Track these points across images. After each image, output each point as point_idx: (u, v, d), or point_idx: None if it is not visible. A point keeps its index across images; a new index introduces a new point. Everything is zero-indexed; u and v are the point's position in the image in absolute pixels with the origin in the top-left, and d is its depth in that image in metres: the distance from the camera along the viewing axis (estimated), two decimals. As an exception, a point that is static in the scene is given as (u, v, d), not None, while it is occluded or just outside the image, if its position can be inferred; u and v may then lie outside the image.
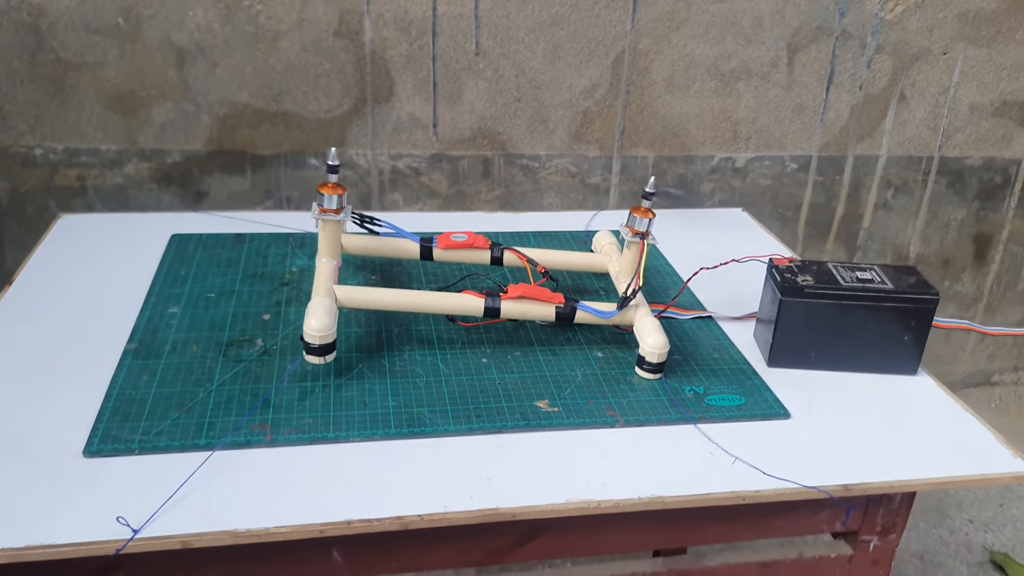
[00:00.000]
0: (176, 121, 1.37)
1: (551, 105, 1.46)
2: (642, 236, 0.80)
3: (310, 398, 0.71)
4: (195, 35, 1.33)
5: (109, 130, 1.36)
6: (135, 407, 0.69)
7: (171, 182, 1.40)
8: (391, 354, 0.78)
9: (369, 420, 0.69)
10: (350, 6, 1.34)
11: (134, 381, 0.72)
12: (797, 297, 0.77)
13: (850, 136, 1.58)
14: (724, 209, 1.16)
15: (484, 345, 0.80)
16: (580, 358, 0.79)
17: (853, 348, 0.79)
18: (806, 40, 1.49)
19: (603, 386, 0.75)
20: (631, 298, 0.78)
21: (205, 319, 0.82)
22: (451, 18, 1.37)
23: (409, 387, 0.73)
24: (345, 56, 1.37)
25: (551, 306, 0.78)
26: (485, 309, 0.77)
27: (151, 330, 0.79)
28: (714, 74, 1.49)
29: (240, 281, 0.88)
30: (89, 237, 0.96)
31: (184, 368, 0.74)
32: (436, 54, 1.39)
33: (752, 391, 0.76)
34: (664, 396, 0.74)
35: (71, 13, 1.29)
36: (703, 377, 0.77)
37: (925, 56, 1.54)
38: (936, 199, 1.67)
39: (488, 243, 0.87)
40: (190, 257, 0.93)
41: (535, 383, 0.75)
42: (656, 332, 0.76)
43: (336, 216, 0.78)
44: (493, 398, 0.73)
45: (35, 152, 1.36)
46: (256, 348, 0.78)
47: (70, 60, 1.31)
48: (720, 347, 0.82)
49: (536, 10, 1.39)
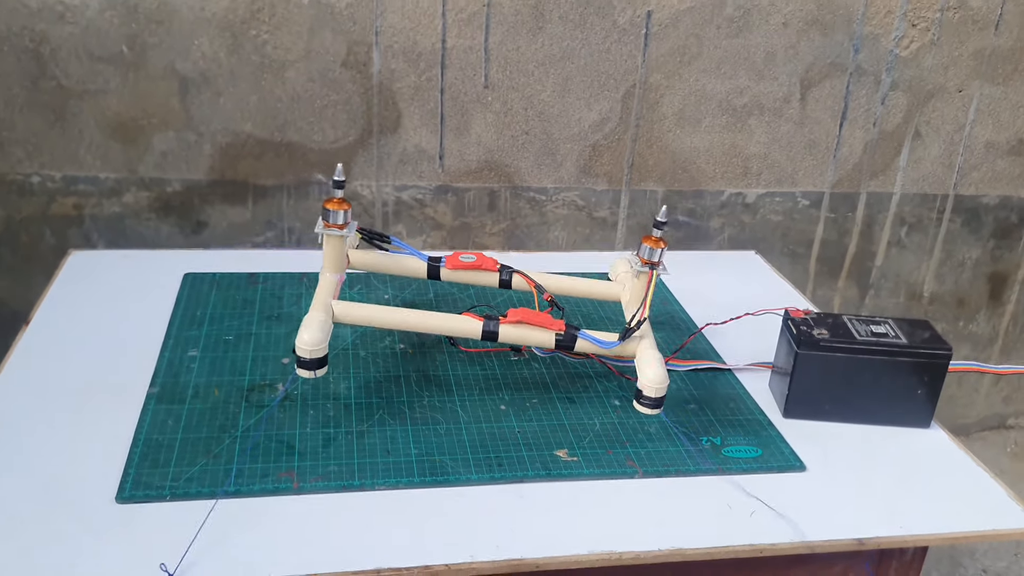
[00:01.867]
0: (177, 150, 1.44)
1: (560, 138, 1.53)
2: (652, 266, 0.85)
3: (334, 444, 0.77)
4: (200, 64, 1.39)
5: (109, 158, 1.43)
6: (163, 453, 0.75)
7: (170, 212, 1.47)
8: (411, 399, 0.84)
9: (393, 468, 0.75)
10: (359, 37, 1.42)
11: (160, 426, 0.78)
12: (813, 350, 0.84)
13: (863, 173, 1.66)
14: (736, 252, 1.23)
15: (502, 391, 0.87)
16: (597, 406, 0.86)
17: (867, 401, 0.86)
18: (820, 76, 1.57)
19: (621, 435, 0.82)
20: (635, 329, 0.83)
21: (225, 363, 0.88)
22: (461, 51, 1.45)
23: (430, 434, 0.80)
24: (352, 87, 1.44)
25: (550, 333, 0.83)
26: (483, 332, 0.82)
27: (172, 374, 0.85)
28: (725, 109, 1.57)
29: (257, 323, 0.95)
30: (101, 275, 1.02)
31: (208, 413, 0.80)
32: (444, 86, 1.46)
33: (768, 442, 0.83)
34: (681, 447, 0.81)
35: (75, 40, 1.35)
36: (719, 427, 0.84)
37: (940, 93, 1.63)
38: (951, 237, 1.75)
39: (497, 265, 0.91)
40: (204, 298, 0.99)
41: (554, 431, 0.81)
42: (656, 365, 0.80)
43: (340, 232, 0.83)
44: (513, 446, 0.79)
45: (32, 180, 1.42)
46: (277, 393, 0.84)
47: (72, 87, 1.38)
48: (736, 397, 0.89)
49: (546, 44, 1.47)
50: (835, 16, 1.53)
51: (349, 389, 0.85)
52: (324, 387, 0.85)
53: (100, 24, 1.35)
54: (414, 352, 0.92)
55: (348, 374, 0.88)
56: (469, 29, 1.44)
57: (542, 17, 1.45)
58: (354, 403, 0.83)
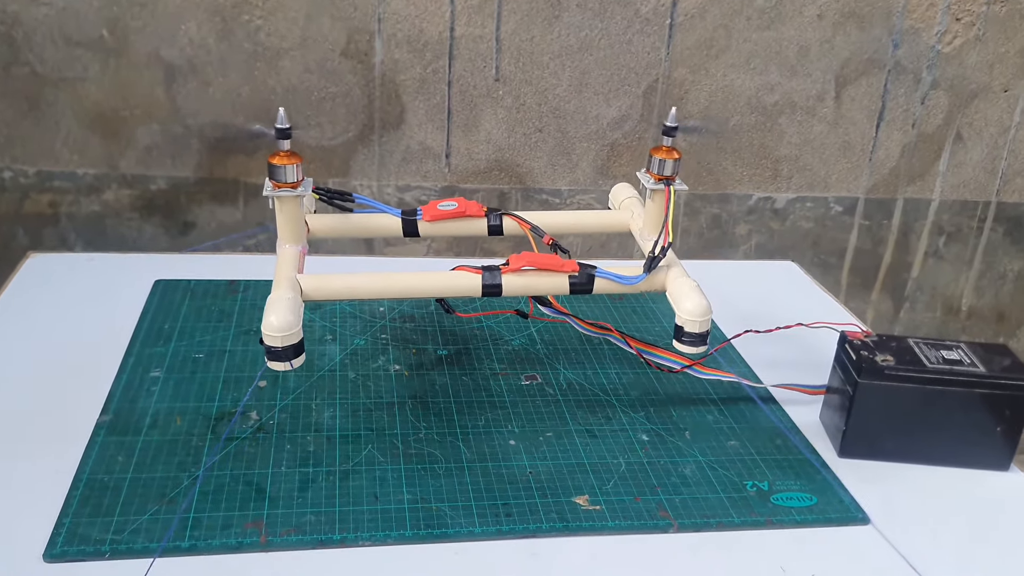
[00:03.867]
0: (162, 144, 1.31)
1: (576, 136, 1.40)
2: (667, 182, 0.73)
3: (312, 488, 0.64)
4: (187, 51, 1.27)
5: (87, 152, 1.30)
6: (108, 497, 0.62)
7: (155, 211, 1.34)
8: (405, 431, 0.71)
9: (381, 518, 0.62)
10: (360, 24, 1.29)
11: (107, 463, 0.65)
12: (876, 380, 0.71)
13: (900, 178, 1.53)
14: (770, 262, 1.10)
15: (511, 422, 0.74)
16: (623, 442, 0.73)
17: (937, 438, 0.73)
18: (856, 73, 1.44)
19: (651, 478, 0.69)
20: (660, 257, 0.71)
21: (192, 385, 0.75)
22: (470, 40, 1.32)
23: (427, 476, 0.67)
24: (352, 78, 1.32)
25: (563, 276, 0.70)
26: (483, 287, 0.69)
27: (129, 399, 0.73)
28: (754, 107, 1.44)
29: (232, 339, 0.82)
30: (61, 281, 0.90)
31: (166, 447, 0.67)
32: (452, 79, 1.34)
33: (823, 488, 0.69)
34: (723, 493, 0.68)
35: (50, 23, 1.23)
36: (765, 470, 0.71)
37: (984, 93, 1.49)
38: (991, 248, 1.62)
39: (483, 210, 0.77)
40: (176, 308, 0.86)
41: (572, 473, 0.68)
42: (694, 293, 0.69)
43: (293, 191, 0.69)
44: (524, 491, 0.66)
45: (3, 175, 1.30)
46: (250, 423, 0.71)
47: (47, 75, 1.26)
48: (782, 432, 0.76)
49: (563, 34, 1.34)
50: (873, 9, 1.40)
51: (334, 418, 0.73)
52: (305, 415, 0.72)
53: (78, 6, 1.23)
54: (411, 374, 0.79)
55: (334, 400, 0.75)
56: (479, 17, 1.31)
57: (559, 5, 1.32)
58: (339, 435, 0.70)
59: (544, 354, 0.84)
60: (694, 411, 0.77)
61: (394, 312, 0.89)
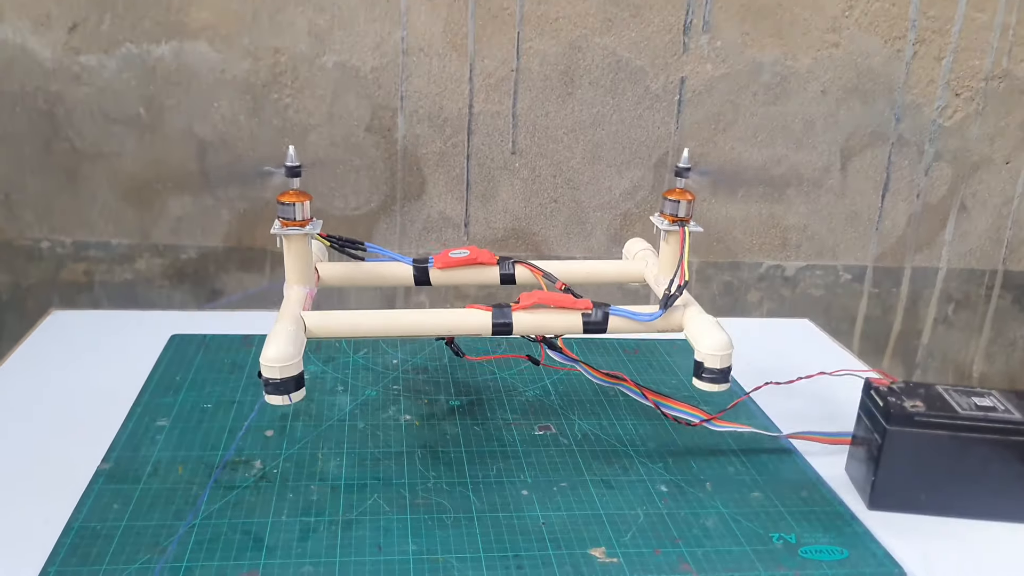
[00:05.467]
0: (193, 215, 1.28)
1: (589, 206, 1.35)
2: (681, 223, 0.67)
3: (312, 537, 0.57)
4: (219, 127, 1.24)
5: (122, 223, 1.27)
6: (98, 545, 0.55)
7: (184, 279, 1.30)
8: (412, 481, 0.64)
9: (384, 570, 0.54)
10: (383, 102, 1.26)
11: (102, 511, 0.58)
12: (906, 427, 0.63)
13: (907, 247, 1.46)
14: (786, 319, 1.03)
15: (524, 472, 0.66)
16: (640, 493, 0.65)
17: (973, 490, 0.64)
18: (860, 145, 1.39)
19: (671, 530, 0.60)
20: (677, 295, 0.65)
21: (197, 435, 0.68)
22: (488, 116, 1.29)
23: (433, 525, 0.59)
24: (376, 152, 1.28)
25: (576, 314, 0.64)
26: (493, 325, 0.62)
27: (131, 447, 0.66)
28: (762, 178, 1.38)
29: (243, 390, 0.75)
30: (79, 336, 0.84)
31: (164, 495, 0.60)
32: (471, 152, 1.30)
33: (854, 541, 0.61)
34: (748, 545, 0.59)
35: (90, 101, 1.21)
36: (792, 522, 0.62)
37: (987, 165, 1.43)
38: (1001, 315, 1.53)
39: (495, 258, 0.71)
40: (189, 361, 0.80)
41: (587, 524, 0.60)
42: (715, 330, 0.63)
43: (302, 229, 0.64)
44: (537, 542, 0.58)
45: (41, 245, 1.26)
46: (253, 472, 0.64)
47: (85, 149, 1.23)
48: (807, 483, 0.68)
49: (576, 110, 1.30)
50: (875, 84, 1.36)
51: (340, 467, 0.65)
52: (311, 464, 0.65)
53: (117, 86, 1.20)
54: (421, 424, 0.72)
55: (341, 450, 0.68)
56: (497, 94, 1.28)
57: (572, 83, 1.29)
58: (344, 484, 0.63)
59: (558, 405, 0.77)
60: (714, 462, 0.69)
61: (407, 364, 0.83)
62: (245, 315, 0.92)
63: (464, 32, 1.24)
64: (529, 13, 1.25)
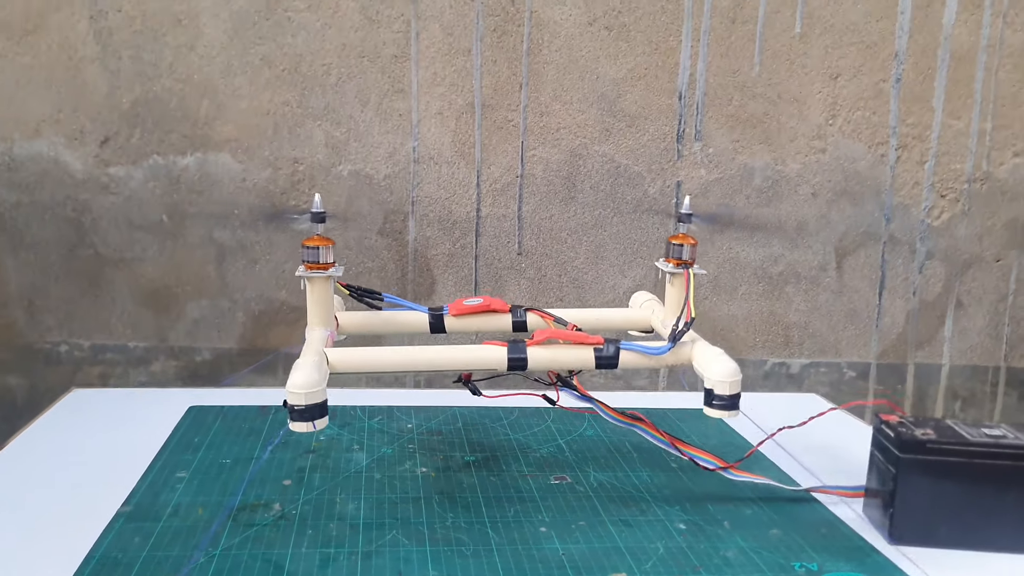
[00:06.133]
0: (210, 318, 1.31)
1: (593, 304, 1.39)
2: (686, 266, 0.71)
3: (332, 566, 0.57)
4: (238, 232, 1.30)
5: (139, 327, 1.30)
6: (118, 572, 0.55)
7: (198, 380, 1.31)
8: (431, 520, 0.64)
9: (405, 591, 0.54)
10: (395, 207, 1.32)
11: (123, 544, 0.58)
12: (919, 455, 0.63)
13: (908, 344, 1.48)
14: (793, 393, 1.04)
15: (541, 513, 0.66)
16: (659, 530, 0.64)
17: (993, 520, 0.64)
18: (854, 244, 1.44)
19: (692, 560, 0.60)
20: (684, 330, 0.67)
21: (216, 484, 0.69)
22: (495, 219, 1.35)
23: (453, 557, 0.59)
24: (387, 254, 1.33)
25: (588, 350, 0.66)
26: (508, 360, 0.65)
27: (152, 494, 0.66)
28: (761, 276, 1.43)
29: (260, 448, 0.76)
30: (98, 409, 0.86)
31: (185, 532, 0.60)
32: (479, 253, 1.35)
33: (878, 569, 0.60)
34: (770, 573, 0.59)
35: (116, 210, 1.27)
36: (812, 553, 0.62)
37: (978, 263, 1.48)
38: (1008, 412, 1.53)
39: (507, 306, 0.75)
40: (207, 427, 0.81)
41: (607, 555, 0.60)
42: (722, 358, 0.65)
43: (325, 272, 0.66)
44: (557, 569, 0.58)
45: (60, 349, 1.29)
46: (272, 512, 0.64)
47: (108, 255, 1.28)
48: (827, 522, 0.67)
49: (578, 212, 1.36)
50: (863, 187, 1.42)
51: (358, 509, 0.65)
52: (329, 507, 0.65)
53: (142, 194, 1.27)
54: (438, 475, 0.73)
55: (359, 495, 0.68)
56: (503, 198, 1.34)
57: (574, 187, 1.36)
58: (363, 523, 0.63)
59: (572, 460, 0.77)
60: (731, 506, 0.69)
61: (422, 428, 0.83)
62: (261, 391, 0.93)
63: (471, 142, 1.32)
64: (532, 124, 1.33)
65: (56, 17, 1.22)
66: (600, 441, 0.82)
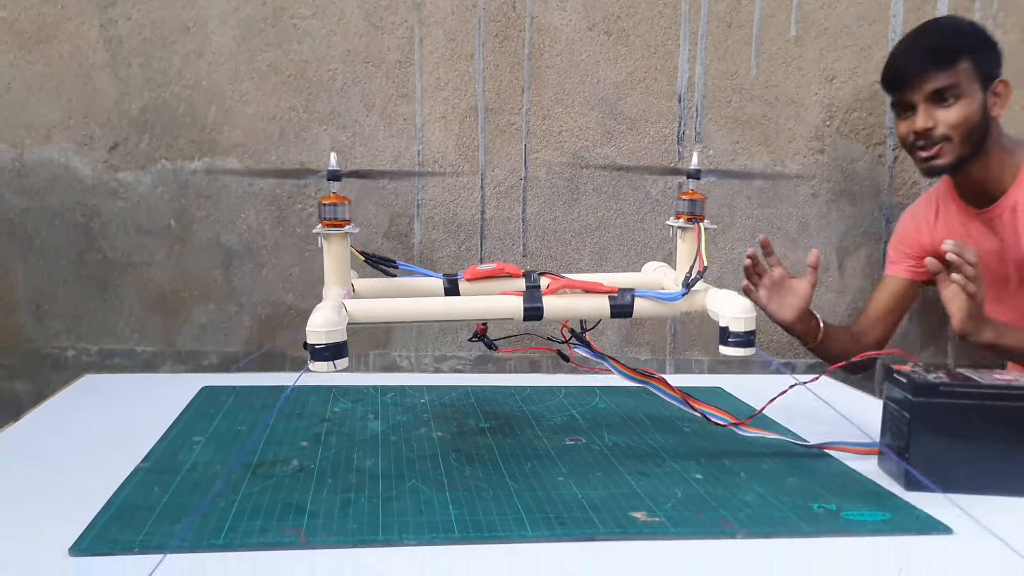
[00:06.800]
0: (217, 322, 1.32)
1: (601, 307, 1.40)
2: (696, 220, 0.72)
3: (354, 507, 0.57)
4: (245, 236, 1.31)
5: (147, 331, 1.31)
6: (140, 514, 0.55)
7: (204, 385, 1.32)
8: (449, 473, 0.64)
9: (427, 526, 0.54)
10: (400, 210, 1.34)
11: (143, 492, 0.59)
12: (932, 397, 0.64)
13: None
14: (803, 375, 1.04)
15: (558, 465, 0.67)
16: (676, 479, 0.65)
17: (1009, 465, 0.64)
18: (855, 244, 1.46)
19: (710, 501, 0.61)
20: (698, 278, 0.68)
21: (232, 446, 0.69)
22: (499, 221, 1.36)
23: (474, 499, 0.59)
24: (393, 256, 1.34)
25: (603, 298, 0.66)
26: (524, 311, 0.65)
27: (170, 453, 0.67)
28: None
29: (275, 419, 0.77)
30: (110, 389, 0.86)
31: (204, 482, 0.61)
32: (484, 255, 1.36)
33: (896, 508, 0.61)
34: (790, 511, 0.59)
35: (125, 215, 1.29)
36: (831, 496, 0.62)
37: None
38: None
39: (521, 272, 0.75)
40: (221, 402, 0.82)
41: (627, 498, 0.61)
42: (735, 297, 0.66)
43: (341, 229, 0.67)
44: (578, 509, 0.58)
45: (67, 353, 1.29)
46: (291, 467, 0.64)
47: (117, 260, 1.29)
48: (842, 474, 0.68)
49: (582, 214, 1.38)
50: (862, 188, 1.45)
51: (376, 464, 0.66)
52: (347, 462, 0.66)
53: (151, 200, 1.29)
54: (453, 438, 0.73)
55: (376, 453, 0.68)
56: (507, 201, 1.36)
57: (577, 189, 1.38)
58: (381, 474, 0.64)
59: (587, 426, 0.78)
60: (746, 461, 0.70)
61: (435, 402, 0.84)
62: (273, 375, 0.94)
63: (475, 145, 1.34)
64: (535, 128, 1.35)
65: (67, 26, 1.25)
66: (612, 412, 0.82)
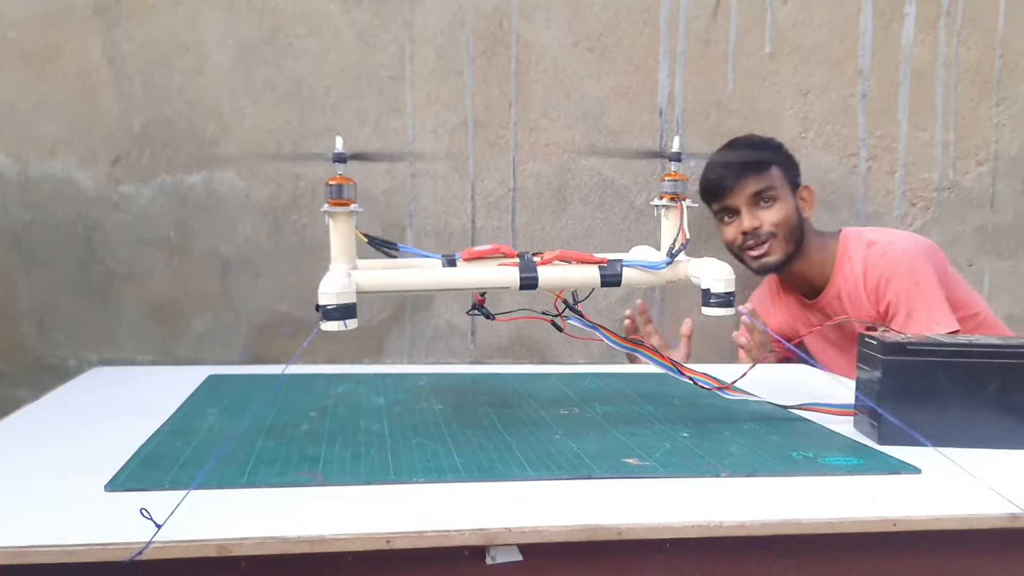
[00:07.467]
0: (214, 331, 1.36)
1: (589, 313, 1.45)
2: (679, 199, 0.77)
3: (364, 458, 0.62)
4: (242, 246, 1.36)
5: (146, 341, 1.35)
6: (167, 461, 0.59)
7: (203, 392, 1.35)
8: (452, 433, 0.69)
9: (434, 468, 0.59)
10: (393, 220, 1.39)
11: (166, 447, 0.63)
12: (901, 355, 0.70)
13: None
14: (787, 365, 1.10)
15: (553, 429, 0.71)
16: (664, 436, 0.70)
17: (977, 418, 0.70)
18: (833, 251, 1.52)
19: (697, 451, 0.65)
20: (681, 249, 0.74)
21: (245, 414, 0.74)
22: (489, 230, 1.42)
23: (477, 451, 0.64)
24: (386, 265, 1.39)
25: (594, 268, 0.73)
26: (520, 279, 0.71)
27: (187, 420, 0.71)
28: (747, 285, 1.50)
29: (282, 396, 0.81)
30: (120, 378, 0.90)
31: (221, 440, 0.65)
32: (475, 262, 1.41)
33: (870, 456, 0.66)
34: (770, 458, 0.64)
35: (125, 227, 1.33)
36: (809, 446, 0.68)
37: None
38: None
39: (515, 252, 0.79)
40: (229, 386, 0.86)
41: (619, 449, 0.65)
42: (715, 262, 0.71)
43: (347, 208, 0.72)
44: (574, 457, 0.63)
45: (68, 363, 1.33)
46: (302, 430, 0.69)
47: (118, 270, 1.33)
48: (821, 431, 0.73)
49: (569, 223, 1.44)
50: (838, 196, 1.52)
51: (383, 428, 0.70)
52: (354, 426, 0.70)
53: (151, 211, 1.34)
54: (454, 410, 0.78)
55: (381, 420, 0.73)
56: (497, 211, 1.42)
57: (564, 199, 1.44)
58: (388, 434, 0.68)
59: (579, 400, 0.83)
60: (730, 424, 0.75)
61: (435, 384, 0.89)
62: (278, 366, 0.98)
63: (465, 157, 1.40)
64: (522, 140, 1.42)
65: (72, 46, 1.31)
66: (603, 390, 0.87)
